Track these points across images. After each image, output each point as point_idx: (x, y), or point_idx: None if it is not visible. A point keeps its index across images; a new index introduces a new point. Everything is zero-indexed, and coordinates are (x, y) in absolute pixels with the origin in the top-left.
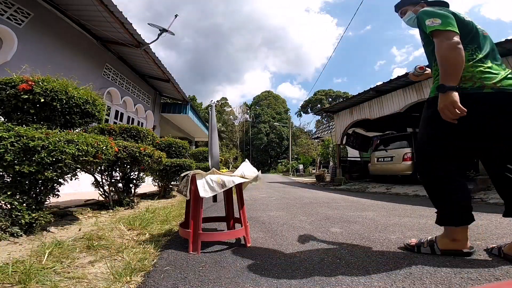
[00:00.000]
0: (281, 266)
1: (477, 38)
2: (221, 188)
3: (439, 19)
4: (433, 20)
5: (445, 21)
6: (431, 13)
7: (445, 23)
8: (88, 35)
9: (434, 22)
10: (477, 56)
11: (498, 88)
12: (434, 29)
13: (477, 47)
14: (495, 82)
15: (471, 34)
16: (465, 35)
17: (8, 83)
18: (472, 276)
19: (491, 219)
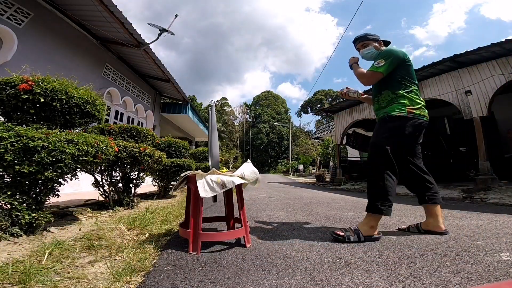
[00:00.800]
0: (281, 266)
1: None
2: (221, 189)
3: (383, 61)
4: (380, 62)
5: (387, 65)
6: (384, 55)
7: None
8: (88, 35)
9: (379, 64)
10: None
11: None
12: (372, 69)
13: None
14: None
15: (413, 72)
16: (411, 73)
17: (8, 83)
18: (472, 276)
19: (491, 219)
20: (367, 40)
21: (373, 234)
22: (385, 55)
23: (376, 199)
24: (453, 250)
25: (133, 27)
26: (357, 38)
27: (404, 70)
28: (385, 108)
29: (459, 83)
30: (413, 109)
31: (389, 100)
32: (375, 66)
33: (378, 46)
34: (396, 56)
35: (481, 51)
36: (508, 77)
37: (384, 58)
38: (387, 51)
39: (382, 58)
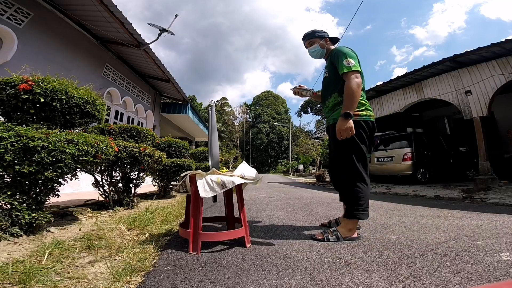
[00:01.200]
0: (281, 266)
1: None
2: (221, 189)
3: (353, 61)
4: (349, 61)
5: (357, 63)
6: (348, 54)
7: (357, 64)
8: (88, 35)
9: (350, 63)
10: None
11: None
12: (350, 70)
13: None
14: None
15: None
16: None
17: (8, 83)
18: (472, 276)
19: (491, 219)
20: (313, 38)
21: (350, 236)
22: (348, 54)
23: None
24: (453, 250)
25: (133, 27)
26: (304, 36)
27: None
28: (333, 113)
29: (459, 83)
30: (358, 111)
31: (335, 103)
32: (348, 67)
33: (324, 44)
34: (355, 56)
35: (481, 51)
36: (508, 77)
37: (350, 57)
38: (346, 51)
39: (348, 58)
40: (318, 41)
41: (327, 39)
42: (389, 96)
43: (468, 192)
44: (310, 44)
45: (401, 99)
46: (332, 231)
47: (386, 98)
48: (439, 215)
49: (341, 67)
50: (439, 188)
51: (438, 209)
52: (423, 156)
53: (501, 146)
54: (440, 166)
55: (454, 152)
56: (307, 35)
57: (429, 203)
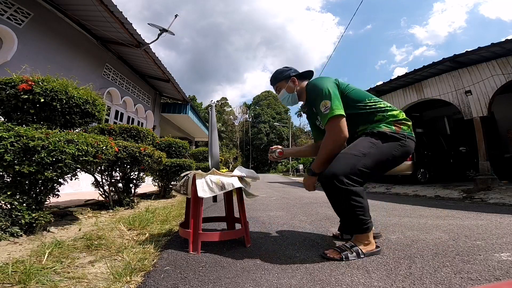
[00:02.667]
0: (281, 266)
1: (364, 93)
2: (220, 190)
3: (329, 101)
4: (325, 104)
5: (334, 104)
6: (322, 93)
7: (334, 107)
8: (88, 35)
9: (326, 108)
10: (380, 104)
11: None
12: (327, 118)
13: (374, 98)
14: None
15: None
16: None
17: (8, 83)
18: (472, 276)
19: (491, 219)
20: (278, 81)
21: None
22: (322, 94)
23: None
24: (453, 250)
25: (133, 27)
26: (270, 82)
27: (350, 100)
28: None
29: (459, 83)
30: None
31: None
32: (325, 114)
33: (291, 87)
34: (331, 85)
35: (481, 51)
36: (508, 77)
37: (324, 98)
38: (318, 90)
39: (322, 100)
40: (284, 84)
41: (294, 78)
42: (389, 96)
43: (468, 192)
44: (277, 90)
45: (401, 99)
46: (349, 246)
47: (386, 98)
48: (439, 215)
49: (322, 118)
50: (439, 188)
51: (438, 209)
52: (423, 156)
53: (501, 146)
54: (440, 166)
55: (454, 152)
56: (271, 80)
57: (429, 203)
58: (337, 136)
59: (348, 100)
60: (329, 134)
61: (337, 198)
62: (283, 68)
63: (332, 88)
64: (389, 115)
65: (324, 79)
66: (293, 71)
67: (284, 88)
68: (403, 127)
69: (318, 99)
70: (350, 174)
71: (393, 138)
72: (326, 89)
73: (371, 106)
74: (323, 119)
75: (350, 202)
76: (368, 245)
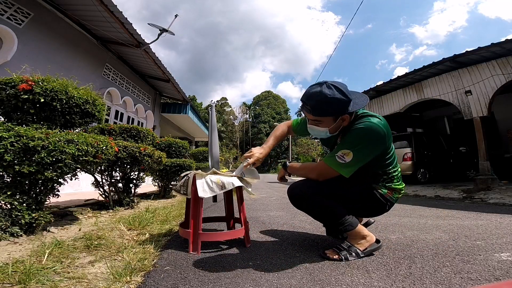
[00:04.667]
0: (281, 266)
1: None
2: (220, 190)
3: (352, 158)
4: (345, 155)
5: (352, 164)
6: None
7: (348, 166)
8: (88, 35)
9: (343, 158)
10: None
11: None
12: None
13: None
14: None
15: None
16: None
17: (8, 83)
18: (472, 276)
19: (491, 219)
20: (323, 116)
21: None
22: (357, 143)
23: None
24: (453, 250)
25: (133, 27)
26: (312, 108)
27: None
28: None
29: (459, 83)
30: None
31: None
32: (336, 161)
33: (338, 126)
34: (373, 148)
35: (481, 51)
36: (508, 77)
37: (354, 150)
38: (363, 135)
39: (350, 148)
40: (330, 122)
41: (347, 116)
42: (389, 96)
43: (468, 192)
44: (313, 121)
45: (401, 99)
46: (346, 246)
47: (386, 98)
48: (439, 215)
49: (331, 154)
50: (439, 188)
51: (438, 209)
52: (423, 156)
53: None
54: (440, 166)
55: (454, 152)
56: (314, 108)
57: (429, 203)
58: (319, 177)
59: (379, 160)
60: (316, 170)
61: (306, 208)
62: (338, 97)
63: (371, 152)
64: (392, 185)
65: (379, 135)
66: (352, 105)
67: (328, 127)
68: (394, 194)
69: (351, 144)
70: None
71: (376, 196)
72: (366, 146)
73: (386, 172)
74: (331, 159)
75: (320, 210)
76: (364, 241)
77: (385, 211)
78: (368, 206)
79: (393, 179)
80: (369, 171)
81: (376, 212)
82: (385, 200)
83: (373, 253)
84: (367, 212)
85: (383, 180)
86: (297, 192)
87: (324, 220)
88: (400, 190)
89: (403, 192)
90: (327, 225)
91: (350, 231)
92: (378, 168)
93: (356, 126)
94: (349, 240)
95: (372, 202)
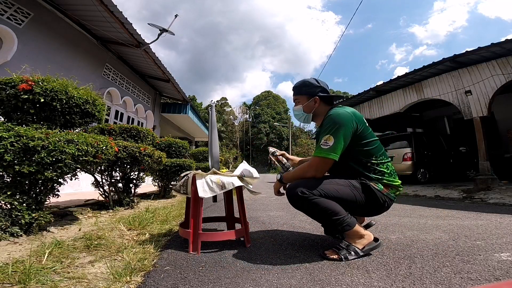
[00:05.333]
0: (281, 266)
1: (375, 149)
2: (221, 190)
3: (333, 140)
4: (327, 140)
5: (336, 146)
6: (331, 128)
7: (333, 148)
8: (88, 35)
9: (327, 144)
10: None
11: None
12: (321, 154)
13: (382, 157)
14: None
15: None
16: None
17: (8, 83)
18: (472, 276)
19: (491, 219)
20: (300, 95)
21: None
22: (332, 127)
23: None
24: (453, 250)
25: (133, 27)
26: (293, 90)
27: (360, 143)
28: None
29: (459, 83)
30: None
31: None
32: (322, 148)
33: (310, 106)
34: (347, 127)
35: (481, 51)
36: (508, 77)
37: (332, 133)
38: (333, 120)
39: (329, 134)
40: (304, 100)
41: (318, 99)
42: (389, 96)
43: (468, 192)
44: (296, 102)
45: (401, 99)
46: (345, 246)
47: (386, 98)
48: (439, 215)
49: (317, 148)
50: (439, 188)
51: (438, 209)
52: (423, 156)
53: (501, 146)
54: (440, 166)
55: (454, 152)
56: (294, 88)
57: (429, 203)
58: (317, 173)
59: (358, 144)
60: (312, 168)
61: (305, 208)
62: (312, 82)
63: (345, 131)
64: (386, 179)
65: (346, 117)
66: (321, 90)
67: (303, 104)
68: (391, 190)
69: (327, 130)
70: (312, 189)
71: (374, 193)
72: (339, 128)
73: (373, 163)
74: (318, 150)
75: (319, 210)
76: (362, 240)
77: (384, 209)
78: (366, 203)
79: (383, 172)
80: (356, 160)
81: (375, 209)
82: (382, 196)
83: (373, 252)
84: (365, 210)
85: (373, 171)
86: (295, 193)
87: (323, 220)
88: (397, 187)
89: (401, 189)
90: (326, 225)
91: (348, 231)
92: (363, 156)
93: (326, 116)
94: (347, 239)
95: (369, 199)
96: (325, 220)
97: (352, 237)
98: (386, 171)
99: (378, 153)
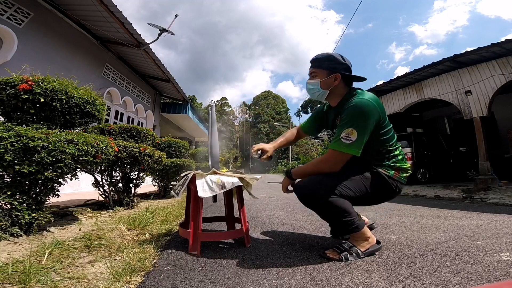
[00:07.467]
0: (281, 266)
1: (392, 136)
2: (220, 189)
3: (356, 135)
4: (349, 135)
5: (358, 141)
6: (356, 122)
7: (356, 144)
8: (88, 35)
9: (349, 138)
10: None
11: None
12: (339, 150)
13: (396, 143)
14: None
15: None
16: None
17: (8, 83)
18: (472, 276)
19: (491, 219)
20: (319, 68)
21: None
22: (356, 121)
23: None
24: (453, 250)
25: (133, 27)
26: (312, 60)
27: (379, 133)
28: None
29: (459, 83)
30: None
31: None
32: (342, 141)
33: (329, 83)
34: (371, 120)
35: (481, 51)
36: (508, 77)
37: (355, 128)
38: (359, 110)
39: (352, 128)
40: (323, 75)
41: (339, 76)
42: (389, 96)
43: (468, 192)
44: (312, 75)
45: (401, 99)
46: (348, 247)
47: (386, 98)
48: (439, 215)
49: (335, 138)
50: (439, 188)
51: (438, 209)
52: (423, 156)
53: (501, 146)
54: (440, 166)
55: (454, 152)
56: (314, 60)
57: (429, 203)
58: (334, 167)
59: (376, 135)
60: (329, 161)
61: (317, 208)
62: (337, 57)
63: (370, 125)
64: (397, 164)
65: (371, 109)
66: (345, 68)
67: (321, 79)
68: (402, 173)
69: (350, 123)
70: (326, 188)
71: (385, 180)
72: (364, 121)
73: (387, 150)
74: (337, 143)
75: (331, 210)
76: (366, 243)
77: (395, 194)
78: (377, 192)
79: (396, 157)
80: (371, 150)
81: (387, 196)
82: (393, 182)
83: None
84: (378, 198)
85: (387, 158)
86: (306, 192)
87: (333, 220)
88: (406, 169)
89: (409, 172)
90: (335, 225)
91: (356, 232)
92: (379, 145)
93: (350, 104)
94: (351, 241)
95: (381, 187)
96: (335, 220)
97: (357, 239)
98: (399, 156)
99: (393, 139)
